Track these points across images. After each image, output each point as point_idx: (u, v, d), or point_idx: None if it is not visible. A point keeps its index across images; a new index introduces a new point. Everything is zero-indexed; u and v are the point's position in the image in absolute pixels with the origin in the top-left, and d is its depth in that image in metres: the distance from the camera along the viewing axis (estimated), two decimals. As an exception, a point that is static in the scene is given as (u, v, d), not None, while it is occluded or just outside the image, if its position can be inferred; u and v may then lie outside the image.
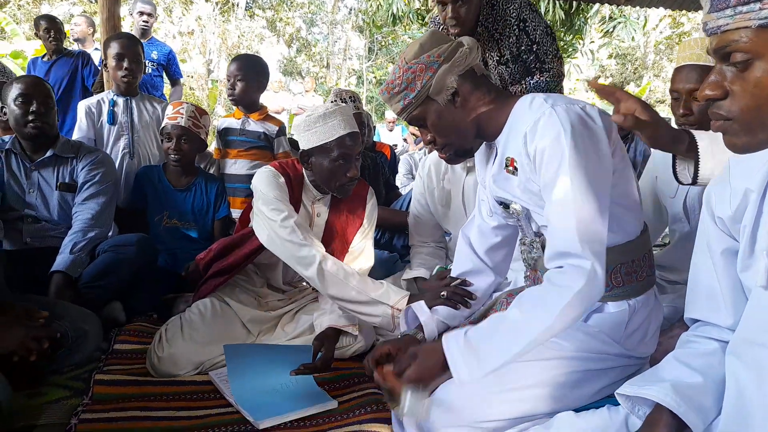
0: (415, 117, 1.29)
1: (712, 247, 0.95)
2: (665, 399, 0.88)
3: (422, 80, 1.23)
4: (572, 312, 1.08)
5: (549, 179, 1.14)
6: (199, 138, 2.49)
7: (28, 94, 2.01)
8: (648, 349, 1.31)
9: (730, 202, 0.88)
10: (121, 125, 2.72)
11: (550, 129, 1.13)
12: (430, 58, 1.22)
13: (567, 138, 1.11)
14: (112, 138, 2.72)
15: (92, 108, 2.71)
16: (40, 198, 2.09)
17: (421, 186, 2.24)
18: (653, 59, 17.76)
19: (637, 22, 7.81)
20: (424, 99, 1.25)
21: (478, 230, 1.49)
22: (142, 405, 1.45)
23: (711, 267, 0.95)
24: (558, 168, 1.11)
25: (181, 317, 1.77)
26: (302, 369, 1.62)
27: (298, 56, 17.83)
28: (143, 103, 2.79)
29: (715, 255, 0.94)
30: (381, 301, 1.63)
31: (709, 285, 0.95)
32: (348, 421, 1.40)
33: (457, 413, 1.18)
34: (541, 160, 1.15)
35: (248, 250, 1.86)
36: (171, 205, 2.49)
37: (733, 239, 0.91)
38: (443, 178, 2.16)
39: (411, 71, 1.23)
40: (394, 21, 8.00)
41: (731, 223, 0.89)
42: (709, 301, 0.96)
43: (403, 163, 4.39)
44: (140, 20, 4.01)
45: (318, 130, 1.70)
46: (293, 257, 1.69)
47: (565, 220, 1.11)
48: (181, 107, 2.45)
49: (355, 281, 1.66)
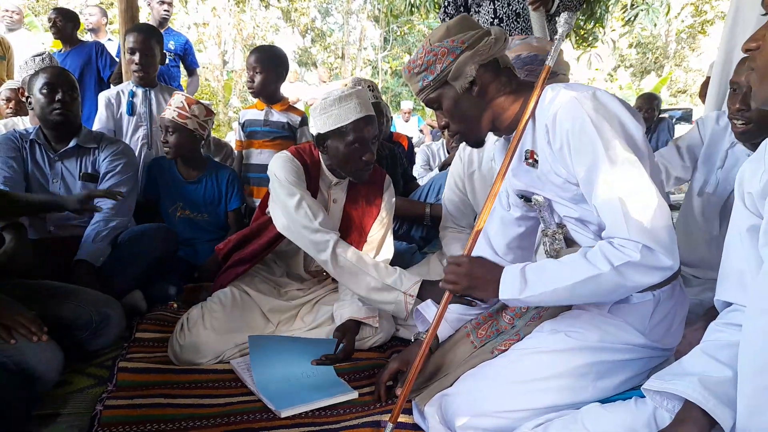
0: (432, 100, 1.29)
1: (739, 225, 0.93)
2: (693, 394, 0.87)
3: (442, 64, 1.22)
4: (625, 276, 1.06)
5: (586, 169, 1.12)
6: (186, 129, 2.35)
7: (53, 83, 2.04)
8: (673, 340, 1.29)
9: (761, 178, 0.87)
10: (140, 116, 2.75)
11: (574, 118, 1.11)
12: (453, 43, 1.21)
13: (592, 126, 1.09)
14: (131, 129, 2.75)
15: (112, 99, 2.75)
16: (64, 188, 2.12)
17: (460, 168, 2.17)
18: (675, 48, 17.41)
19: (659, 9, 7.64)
20: (443, 83, 1.25)
21: (500, 221, 1.47)
22: (165, 392, 1.47)
23: (741, 248, 0.93)
24: (593, 158, 1.10)
25: (202, 306, 1.78)
26: (323, 359, 1.63)
27: (313, 47, 17.81)
28: (162, 94, 2.81)
29: (741, 232, 0.92)
30: (394, 287, 1.62)
31: (740, 267, 0.93)
32: (368, 411, 1.41)
33: (480, 403, 1.18)
34: (569, 150, 1.14)
35: (267, 239, 1.86)
36: (183, 196, 2.49)
37: (759, 217, 0.89)
38: (492, 159, 2.08)
39: (433, 53, 1.23)
40: (411, 10, 7.93)
41: (759, 199, 0.88)
42: (739, 283, 0.94)
43: (420, 154, 4.36)
44: (161, 9, 4.02)
45: (334, 113, 1.69)
46: (308, 242, 1.69)
47: (610, 209, 1.09)
48: (173, 98, 2.40)
49: (369, 267, 1.66)
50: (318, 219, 1.69)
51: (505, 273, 1.20)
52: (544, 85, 1.23)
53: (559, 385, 1.18)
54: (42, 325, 1.36)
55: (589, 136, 1.10)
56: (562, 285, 1.12)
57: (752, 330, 0.84)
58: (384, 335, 1.82)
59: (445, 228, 2.22)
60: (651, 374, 1.12)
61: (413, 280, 1.66)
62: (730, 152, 1.76)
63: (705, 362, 0.92)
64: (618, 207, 1.08)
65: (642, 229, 1.06)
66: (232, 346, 1.69)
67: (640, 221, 1.06)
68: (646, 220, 1.06)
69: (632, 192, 1.08)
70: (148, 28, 2.90)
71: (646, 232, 1.06)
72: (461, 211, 2.19)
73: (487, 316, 1.43)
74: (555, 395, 1.17)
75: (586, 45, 8.71)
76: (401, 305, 1.63)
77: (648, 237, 1.05)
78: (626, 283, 1.08)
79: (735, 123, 1.62)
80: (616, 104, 1.15)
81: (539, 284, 1.15)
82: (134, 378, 1.52)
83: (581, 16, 7.45)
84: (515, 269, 1.20)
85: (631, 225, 1.06)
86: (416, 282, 1.64)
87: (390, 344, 1.85)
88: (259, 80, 2.63)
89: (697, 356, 0.95)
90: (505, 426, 1.16)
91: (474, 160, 2.13)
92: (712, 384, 0.87)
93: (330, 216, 1.86)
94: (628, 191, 1.08)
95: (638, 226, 1.06)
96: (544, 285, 1.15)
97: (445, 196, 2.24)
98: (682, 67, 17.53)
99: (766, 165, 0.85)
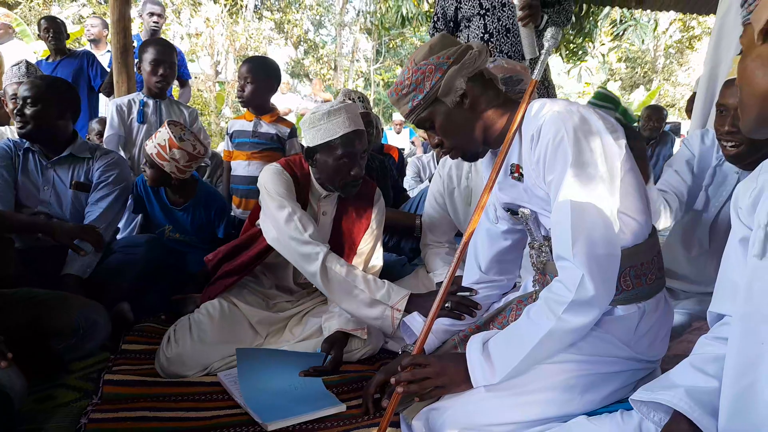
0: (423, 119, 1.29)
1: (734, 238, 0.94)
2: (679, 404, 0.88)
3: (431, 81, 1.23)
4: (575, 318, 1.10)
5: (553, 182, 1.15)
6: (161, 170, 2.17)
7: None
8: (658, 352, 1.31)
9: (750, 194, 0.89)
10: (151, 125, 2.81)
11: (553, 133, 1.14)
12: (439, 59, 1.23)
13: (569, 141, 1.12)
14: (141, 136, 2.80)
15: (123, 107, 2.82)
16: (54, 196, 2.11)
17: (440, 185, 2.20)
18: (663, 63, 17.68)
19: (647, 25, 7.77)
20: (433, 100, 1.25)
21: (486, 234, 1.49)
22: (151, 405, 1.45)
23: (735, 260, 0.94)
24: (561, 171, 1.13)
25: (189, 318, 1.77)
26: (311, 371, 1.62)
27: (306, 58, 17.87)
28: (172, 107, 2.90)
29: (735, 244, 0.94)
30: (382, 302, 1.62)
31: (734, 279, 0.94)
32: (356, 424, 1.40)
33: (468, 417, 1.18)
34: (545, 164, 1.17)
35: (257, 251, 1.86)
36: (172, 220, 2.39)
37: (750, 229, 0.91)
38: (467, 177, 2.12)
39: (420, 72, 1.24)
40: (403, 23, 8.00)
41: (748, 213, 0.90)
42: (732, 295, 0.94)
43: (411, 165, 4.38)
44: (150, 21, 4.04)
45: (323, 127, 1.70)
46: (297, 254, 1.68)
47: (562, 223, 1.12)
48: (159, 130, 2.20)
49: (359, 280, 1.65)
50: (308, 231, 1.69)
51: (470, 361, 1.20)
52: (530, 99, 1.25)
53: (546, 398, 1.18)
54: (4, 351, 1.22)
55: (564, 150, 1.12)
56: (524, 354, 1.15)
57: (734, 333, 0.85)
58: (372, 348, 1.81)
59: (425, 245, 2.23)
60: (637, 386, 1.13)
61: (401, 294, 1.65)
62: (718, 170, 1.78)
63: (693, 375, 0.93)
64: (568, 226, 1.11)
65: (583, 253, 1.09)
66: (220, 359, 1.68)
67: (584, 245, 1.09)
68: (589, 245, 1.09)
69: (586, 213, 1.10)
70: (169, 43, 2.97)
71: (585, 256, 1.09)
72: (441, 227, 2.22)
73: (475, 329, 1.44)
74: (542, 408, 1.17)
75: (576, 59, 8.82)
76: (388, 320, 1.63)
77: (585, 262, 1.09)
78: (571, 327, 1.12)
79: (725, 146, 1.61)
80: (600, 123, 1.16)
81: (505, 362, 1.17)
82: (120, 390, 1.51)
83: (571, 30, 7.55)
84: (476, 353, 1.20)
85: (576, 247, 1.10)
86: (404, 296, 1.63)
87: (378, 357, 1.84)
88: (249, 90, 2.64)
89: (686, 369, 0.96)
90: (492, 440, 1.16)
91: (453, 177, 2.16)
92: (699, 395, 0.88)
93: (319, 229, 1.87)
94: (582, 212, 1.10)
95: (581, 249, 1.09)
96: (510, 360, 1.17)
97: (426, 212, 2.26)
98: (671, 82, 17.78)
99: (758, 183, 0.88)
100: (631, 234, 1.24)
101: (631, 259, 1.24)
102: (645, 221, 1.26)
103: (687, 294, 1.88)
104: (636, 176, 1.24)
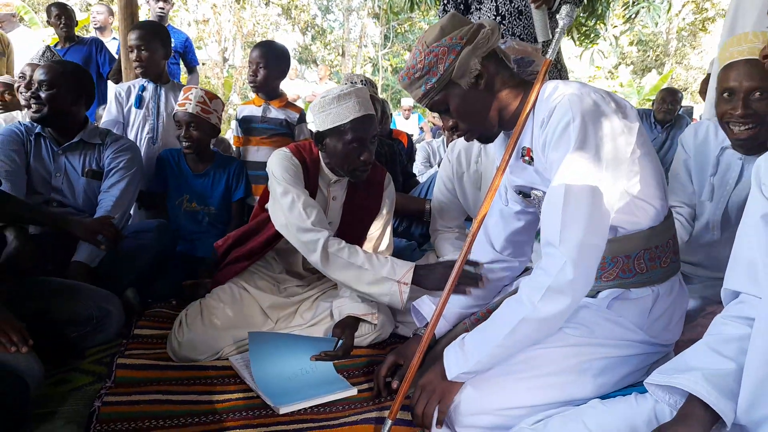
0: (437, 102, 1.26)
1: (754, 213, 0.92)
2: (696, 388, 0.87)
3: (445, 63, 1.20)
4: (548, 306, 1.09)
5: (552, 165, 1.14)
6: (209, 123, 2.41)
7: None
8: (672, 336, 1.30)
9: None
10: (148, 110, 2.75)
11: (560, 116, 1.12)
12: (452, 40, 1.20)
13: (576, 127, 1.09)
14: (137, 122, 2.75)
15: (122, 93, 2.76)
16: (67, 183, 2.10)
17: (449, 170, 2.18)
18: (676, 46, 17.37)
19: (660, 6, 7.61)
20: (447, 83, 1.22)
21: (499, 215, 1.47)
22: (164, 389, 1.46)
23: (754, 236, 0.92)
24: (561, 156, 1.11)
25: (200, 303, 1.78)
26: (322, 356, 1.62)
27: (313, 44, 17.76)
28: (173, 91, 2.81)
29: (756, 220, 0.91)
30: (388, 278, 1.60)
31: (750, 256, 0.92)
32: (367, 408, 1.41)
33: (482, 401, 1.18)
34: (549, 147, 1.15)
35: (266, 236, 1.85)
36: (190, 189, 2.49)
37: None
38: (476, 161, 2.10)
39: (433, 54, 1.20)
40: (412, 7, 7.89)
41: None
42: (749, 272, 0.93)
43: (420, 150, 4.35)
44: (156, 7, 4.02)
45: (333, 112, 1.67)
46: (299, 242, 1.67)
47: (554, 209, 1.10)
48: (190, 92, 2.39)
49: (362, 259, 1.62)
50: (311, 218, 1.65)
51: (446, 354, 1.23)
52: (544, 80, 1.22)
53: (560, 382, 1.18)
54: (26, 336, 1.28)
55: (568, 136, 1.10)
56: (497, 340, 1.14)
57: (762, 317, 0.83)
58: (383, 332, 1.81)
59: (435, 230, 2.23)
60: (650, 370, 1.12)
61: (406, 267, 1.61)
62: (720, 158, 1.75)
63: (709, 356, 0.92)
64: (559, 212, 1.09)
65: (571, 239, 1.08)
66: (231, 343, 1.69)
67: (573, 232, 1.08)
68: (577, 233, 1.08)
69: (579, 201, 1.08)
70: (150, 25, 2.90)
71: (572, 242, 1.07)
72: (451, 212, 2.20)
73: (486, 313, 1.43)
74: (555, 392, 1.17)
75: (588, 42, 8.67)
76: (396, 296, 1.59)
77: (571, 249, 1.07)
78: (543, 315, 1.10)
79: (736, 130, 1.57)
80: (612, 107, 1.14)
81: (477, 348, 1.17)
82: (133, 374, 1.52)
83: (582, 13, 7.41)
84: (453, 347, 1.22)
85: (564, 233, 1.08)
86: (409, 269, 1.60)
87: (389, 341, 1.84)
88: (262, 75, 2.63)
89: (701, 350, 0.94)
90: (504, 424, 1.16)
91: (462, 162, 2.15)
92: (716, 378, 0.87)
93: (329, 214, 1.86)
94: (575, 199, 1.08)
95: (569, 235, 1.08)
96: (483, 346, 1.16)
97: (435, 197, 2.25)
98: (683, 65, 17.49)
99: None
100: (646, 218, 1.22)
101: (646, 242, 1.22)
102: (660, 205, 1.24)
103: (700, 278, 1.86)
104: (652, 160, 1.22)
